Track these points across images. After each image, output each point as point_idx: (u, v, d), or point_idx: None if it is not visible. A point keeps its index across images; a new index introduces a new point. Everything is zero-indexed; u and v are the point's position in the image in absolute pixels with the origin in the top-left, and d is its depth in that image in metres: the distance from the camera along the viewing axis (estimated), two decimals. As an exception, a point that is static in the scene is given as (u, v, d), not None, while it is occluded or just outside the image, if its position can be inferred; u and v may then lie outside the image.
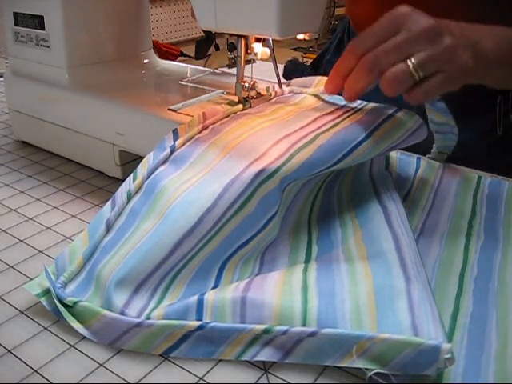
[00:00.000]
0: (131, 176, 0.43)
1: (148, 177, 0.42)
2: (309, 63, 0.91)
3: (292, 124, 0.46)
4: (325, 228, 0.45)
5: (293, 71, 0.88)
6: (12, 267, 0.44)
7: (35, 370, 0.34)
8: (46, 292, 0.38)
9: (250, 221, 0.40)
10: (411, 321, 0.32)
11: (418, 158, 0.59)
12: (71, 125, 0.61)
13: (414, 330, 0.31)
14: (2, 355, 0.35)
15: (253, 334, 0.34)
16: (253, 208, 0.39)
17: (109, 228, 0.40)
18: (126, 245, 0.38)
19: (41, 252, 0.46)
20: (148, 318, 0.35)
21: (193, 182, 0.40)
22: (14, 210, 0.53)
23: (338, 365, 0.32)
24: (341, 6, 2.83)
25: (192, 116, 0.51)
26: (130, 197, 0.42)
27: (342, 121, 0.47)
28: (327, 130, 0.44)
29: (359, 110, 0.50)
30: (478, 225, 0.48)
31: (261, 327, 0.33)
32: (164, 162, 0.44)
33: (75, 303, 0.36)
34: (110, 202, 0.42)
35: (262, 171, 0.39)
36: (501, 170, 0.61)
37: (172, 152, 0.44)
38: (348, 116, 0.48)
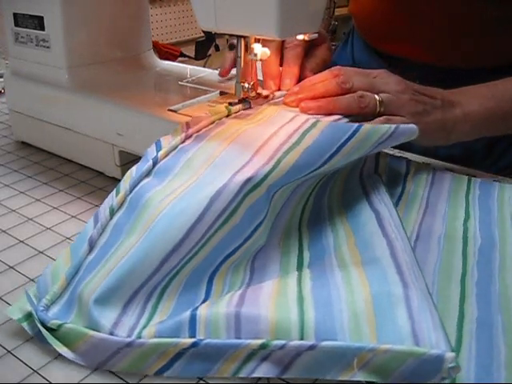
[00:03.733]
0: (114, 191, 0.42)
1: (131, 191, 0.41)
2: None
3: (276, 122, 0.45)
4: (316, 233, 0.45)
5: None
6: (12, 268, 0.44)
7: (35, 370, 0.34)
8: (29, 316, 0.36)
9: (237, 230, 0.39)
10: (411, 328, 0.31)
11: (408, 161, 0.58)
12: (71, 125, 0.61)
13: (415, 338, 0.30)
14: (2, 355, 0.35)
15: (249, 350, 0.32)
16: (240, 218, 0.38)
17: (92, 246, 0.39)
18: (108, 262, 0.37)
19: (41, 253, 0.46)
20: (139, 338, 0.34)
21: (178, 194, 0.38)
22: (14, 211, 0.53)
23: (338, 378, 0.31)
24: (341, 6, 2.82)
25: (192, 116, 0.51)
26: (112, 212, 0.40)
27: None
28: (314, 125, 0.43)
29: None
30: (473, 227, 0.47)
31: (257, 342, 0.32)
32: (147, 174, 0.42)
33: (59, 326, 0.34)
34: (92, 218, 0.41)
35: (249, 180, 0.38)
36: (500, 170, 0.61)
37: (155, 164, 0.43)
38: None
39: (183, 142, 0.45)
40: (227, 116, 0.49)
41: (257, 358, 0.32)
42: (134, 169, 0.43)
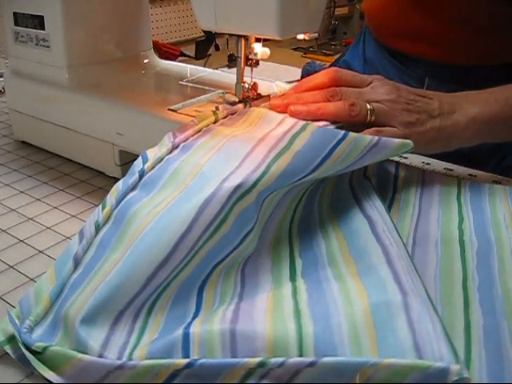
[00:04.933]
0: (100, 206, 0.41)
1: (117, 205, 0.39)
2: (327, 66, 0.92)
3: (264, 126, 0.44)
4: (307, 240, 0.43)
5: (311, 73, 0.89)
6: (12, 267, 0.44)
7: (35, 370, 0.34)
8: (11, 339, 0.34)
9: (227, 239, 0.37)
10: (413, 340, 0.30)
11: (397, 163, 0.57)
12: (71, 125, 0.61)
13: (417, 351, 0.30)
14: (1, 355, 0.35)
15: (246, 369, 0.30)
16: (229, 227, 0.37)
17: (77, 263, 0.37)
18: (93, 279, 0.35)
19: (41, 252, 0.46)
20: (130, 359, 0.32)
21: (164, 205, 0.37)
22: (14, 210, 0.53)
23: None
24: (341, 5, 2.82)
25: (192, 116, 0.51)
26: (98, 228, 0.39)
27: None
28: (304, 128, 0.42)
29: None
30: (468, 229, 0.47)
31: (255, 360, 0.30)
32: (134, 187, 0.41)
33: (45, 348, 0.32)
34: (77, 234, 0.39)
35: (238, 187, 0.37)
36: (506, 168, 0.61)
37: (141, 177, 0.41)
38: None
39: (170, 152, 0.43)
40: (214, 122, 0.47)
41: (255, 377, 0.31)
42: (120, 182, 0.42)
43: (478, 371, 0.32)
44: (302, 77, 0.89)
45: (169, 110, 0.54)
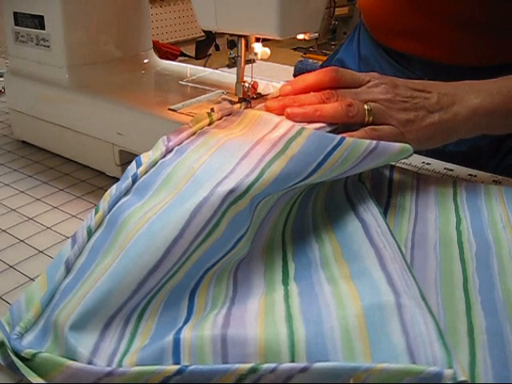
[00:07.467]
0: (93, 211, 0.40)
1: (109, 210, 0.39)
2: (319, 64, 0.92)
3: (259, 130, 0.44)
4: (300, 244, 0.43)
5: (303, 71, 0.89)
6: (12, 267, 0.44)
7: (35, 370, 0.34)
8: (1, 345, 0.34)
9: (219, 245, 0.37)
10: (406, 344, 0.30)
11: (392, 167, 0.56)
12: (71, 125, 0.61)
13: (410, 355, 0.29)
14: (2, 355, 0.35)
15: (237, 375, 0.30)
16: (221, 232, 0.37)
17: (69, 269, 0.37)
18: (84, 285, 0.34)
19: (41, 252, 0.46)
20: (120, 366, 0.31)
21: (156, 210, 0.37)
22: (14, 210, 0.53)
23: None
24: (341, 5, 2.83)
25: (192, 116, 0.51)
26: (90, 233, 0.38)
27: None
28: (299, 132, 0.42)
29: None
30: (466, 230, 0.46)
31: (246, 366, 0.30)
32: (126, 192, 0.40)
33: (34, 355, 0.32)
34: (70, 240, 0.39)
35: (231, 191, 0.37)
36: (508, 167, 0.60)
37: (134, 181, 0.41)
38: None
39: (164, 156, 0.43)
40: (209, 125, 0.47)
41: (246, 383, 0.31)
42: (113, 187, 0.41)
43: (483, 374, 0.32)
44: (295, 75, 0.89)
45: (169, 109, 0.54)
